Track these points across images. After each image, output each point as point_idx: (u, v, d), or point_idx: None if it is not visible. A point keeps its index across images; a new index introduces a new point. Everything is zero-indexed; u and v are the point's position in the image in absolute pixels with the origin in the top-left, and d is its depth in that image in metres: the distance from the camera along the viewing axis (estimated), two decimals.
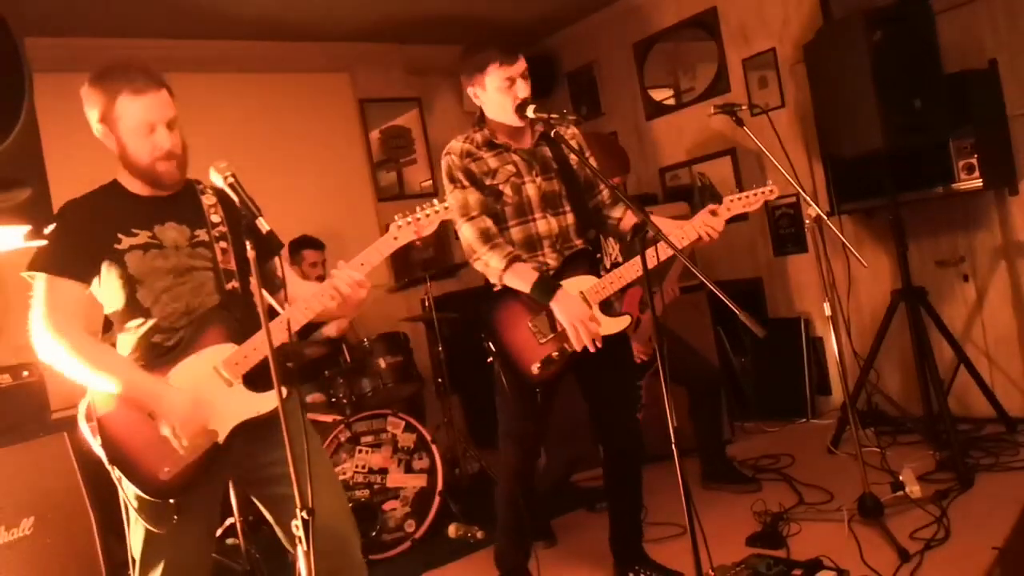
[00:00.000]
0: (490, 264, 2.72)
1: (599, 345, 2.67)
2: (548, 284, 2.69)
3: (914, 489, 3.27)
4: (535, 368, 2.69)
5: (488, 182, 2.78)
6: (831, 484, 3.61)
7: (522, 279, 2.69)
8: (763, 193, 2.81)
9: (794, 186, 3.16)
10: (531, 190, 2.81)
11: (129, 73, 2.06)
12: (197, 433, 2.04)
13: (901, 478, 3.31)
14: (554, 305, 2.67)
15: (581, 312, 2.66)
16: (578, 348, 2.68)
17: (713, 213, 2.71)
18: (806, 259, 5.00)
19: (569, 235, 2.84)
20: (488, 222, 2.76)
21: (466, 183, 2.77)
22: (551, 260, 2.80)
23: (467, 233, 2.76)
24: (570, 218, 2.85)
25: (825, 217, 3.09)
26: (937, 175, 3.97)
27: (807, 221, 3.12)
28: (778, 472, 3.98)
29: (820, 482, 3.67)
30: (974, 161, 3.85)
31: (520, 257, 2.74)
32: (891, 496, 3.25)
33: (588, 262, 2.81)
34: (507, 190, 2.78)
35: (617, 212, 2.93)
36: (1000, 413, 3.93)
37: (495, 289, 2.78)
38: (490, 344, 2.72)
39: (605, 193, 2.93)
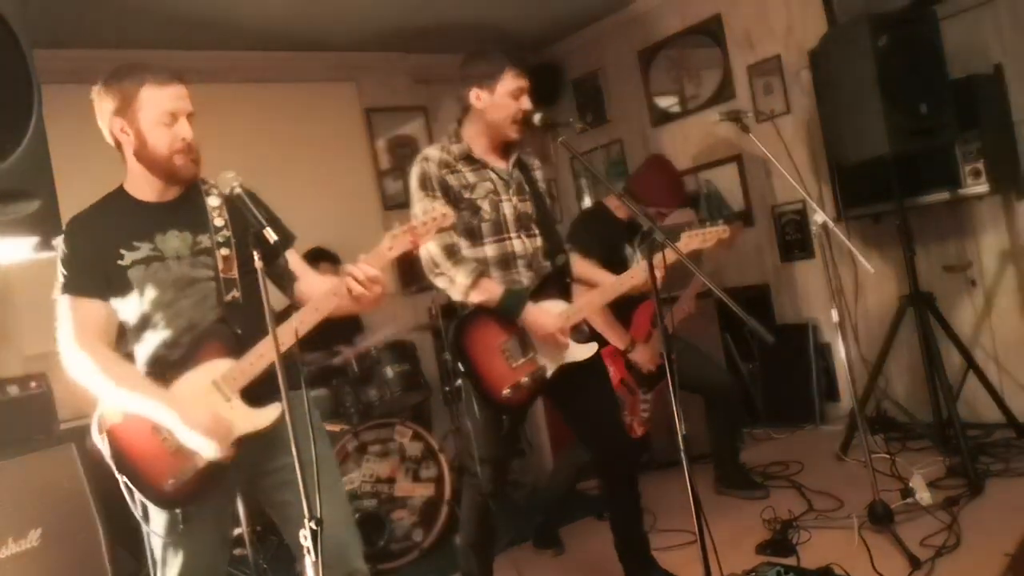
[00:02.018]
0: (456, 280, 2.69)
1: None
2: (517, 296, 2.69)
3: (924, 496, 3.25)
4: (506, 392, 2.68)
5: (467, 195, 2.76)
6: (841, 491, 3.60)
7: (489, 294, 2.69)
8: (716, 232, 2.88)
9: (800, 192, 3.16)
10: (507, 209, 2.81)
11: (151, 67, 2.09)
12: (224, 442, 2.05)
13: (911, 484, 3.30)
14: (525, 318, 2.67)
15: (550, 326, 2.67)
16: (551, 365, 2.71)
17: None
18: (813, 265, 4.98)
19: (539, 257, 2.86)
20: (454, 238, 2.73)
21: (438, 193, 2.73)
22: (525, 279, 2.80)
23: (431, 247, 2.70)
24: (539, 241, 2.87)
25: (831, 223, 3.09)
26: (943, 180, 3.97)
27: (814, 227, 3.13)
28: (787, 479, 3.97)
29: (830, 489, 3.66)
30: (980, 166, 3.85)
31: (485, 273, 2.72)
32: (901, 503, 3.24)
33: (559, 286, 2.82)
34: (485, 205, 2.77)
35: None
36: (1009, 418, 3.91)
37: (465, 309, 2.76)
38: (459, 366, 2.70)
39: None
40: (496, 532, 3.02)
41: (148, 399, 2.03)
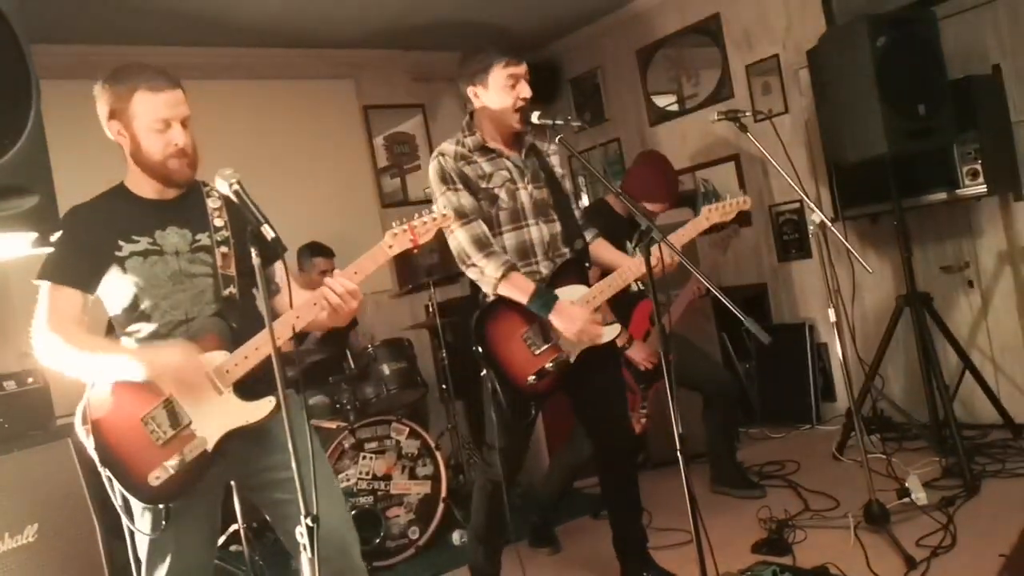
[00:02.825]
0: (486, 272, 2.68)
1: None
2: (547, 296, 2.67)
3: (920, 496, 3.26)
4: (531, 380, 2.68)
5: (484, 185, 2.76)
6: (837, 491, 3.60)
7: (520, 290, 2.67)
8: (737, 203, 2.86)
9: (798, 192, 3.16)
10: (524, 196, 2.81)
11: (146, 71, 2.09)
12: (198, 374, 2.05)
13: (907, 485, 3.31)
14: (554, 318, 2.66)
15: (582, 320, 2.66)
16: (574, 354, 2.69)
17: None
18: (810, 265, 4.99)
19: (558, 243, 2.85)
20: (483, 228, 2.72)
21: (459, 185, 2.73)
22: (543, 268, 2.80)
23: (461, 237, 2.71)
24: (558, 227, 2.86)
25: (829, 223, 3.09)
26: (941, 181, 3.97)
27: (811, 227, 3.12)
28: (784, 479, 3.97)
29: (826, 489, 3.66)
30: (978, 166, 3.85)
31: (516, 266, 2.71)
32: (897, 503, 3.24)
33: (578, 272, 2.81)
34: (502, 194, 2.77)
35: (587, 235, 2.94)
36: (1006, 419, 3.92)
37: (486, 299, 2.76)
38: (482, 357, 2.70)
39: (577, 214, 2.97)
40: (506, 523, 2.99)
41: (117, 356, 2.05)
